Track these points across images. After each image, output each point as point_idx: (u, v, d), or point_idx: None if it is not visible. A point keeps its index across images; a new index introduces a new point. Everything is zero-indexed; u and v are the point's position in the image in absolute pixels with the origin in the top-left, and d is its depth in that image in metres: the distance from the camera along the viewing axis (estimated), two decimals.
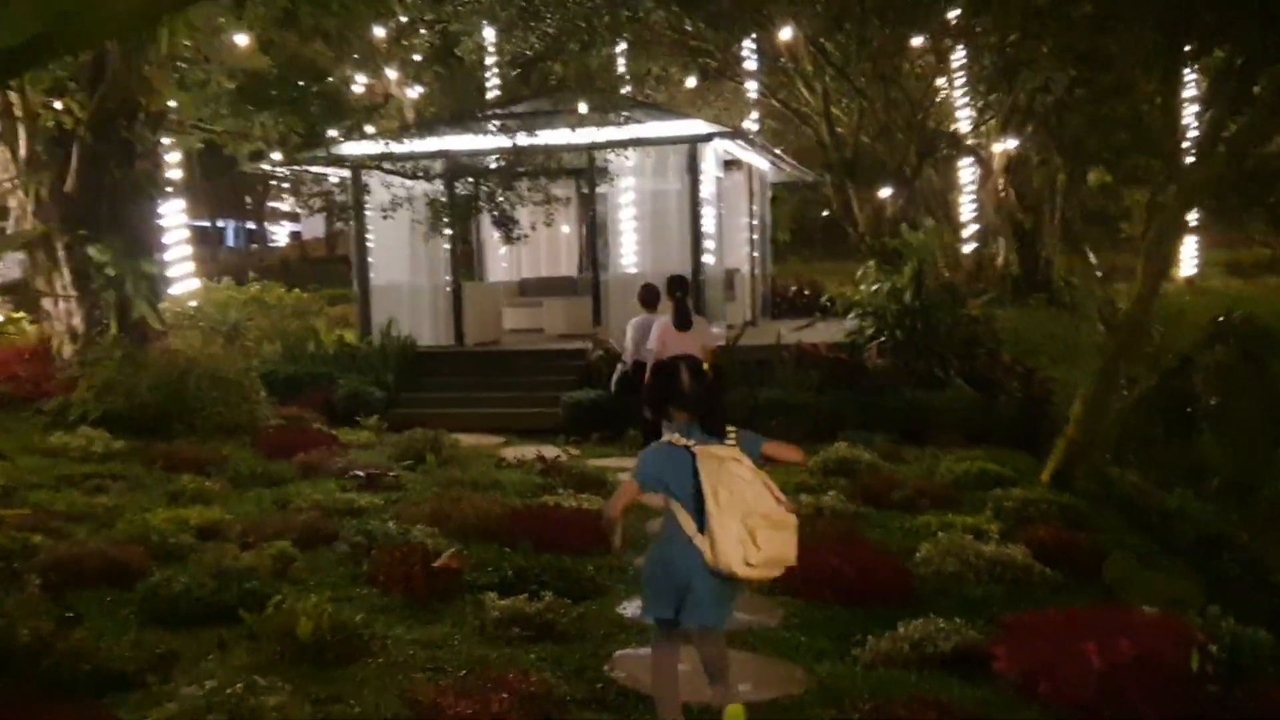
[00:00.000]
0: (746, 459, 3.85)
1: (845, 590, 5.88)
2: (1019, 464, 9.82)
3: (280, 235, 50.80)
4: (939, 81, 18.71)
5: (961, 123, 19.62)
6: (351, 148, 14.12)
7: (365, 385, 13.09)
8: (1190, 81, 18.11)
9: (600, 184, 15.58)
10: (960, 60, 18.62)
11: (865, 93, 17.01)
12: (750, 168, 18.21)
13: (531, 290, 18.20)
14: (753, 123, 21.46)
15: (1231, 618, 4.73)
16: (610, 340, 13.20)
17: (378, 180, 13.99)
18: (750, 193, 18.43)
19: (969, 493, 8.56)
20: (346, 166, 14.74)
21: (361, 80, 15.98)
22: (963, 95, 19.60)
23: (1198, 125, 17.40)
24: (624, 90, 18.52)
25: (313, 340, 14.85)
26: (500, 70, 18.83)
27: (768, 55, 18.38)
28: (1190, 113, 17.62)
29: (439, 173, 14.15)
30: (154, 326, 11.69)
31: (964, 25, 16.69)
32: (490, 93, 18.25)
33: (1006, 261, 20.11)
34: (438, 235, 14.18)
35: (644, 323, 9.75)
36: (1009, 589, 5.98)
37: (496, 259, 19.34)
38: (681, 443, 3.88)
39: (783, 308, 19.71)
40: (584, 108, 14.35)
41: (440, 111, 15.43)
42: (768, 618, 5.69)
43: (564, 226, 18.77)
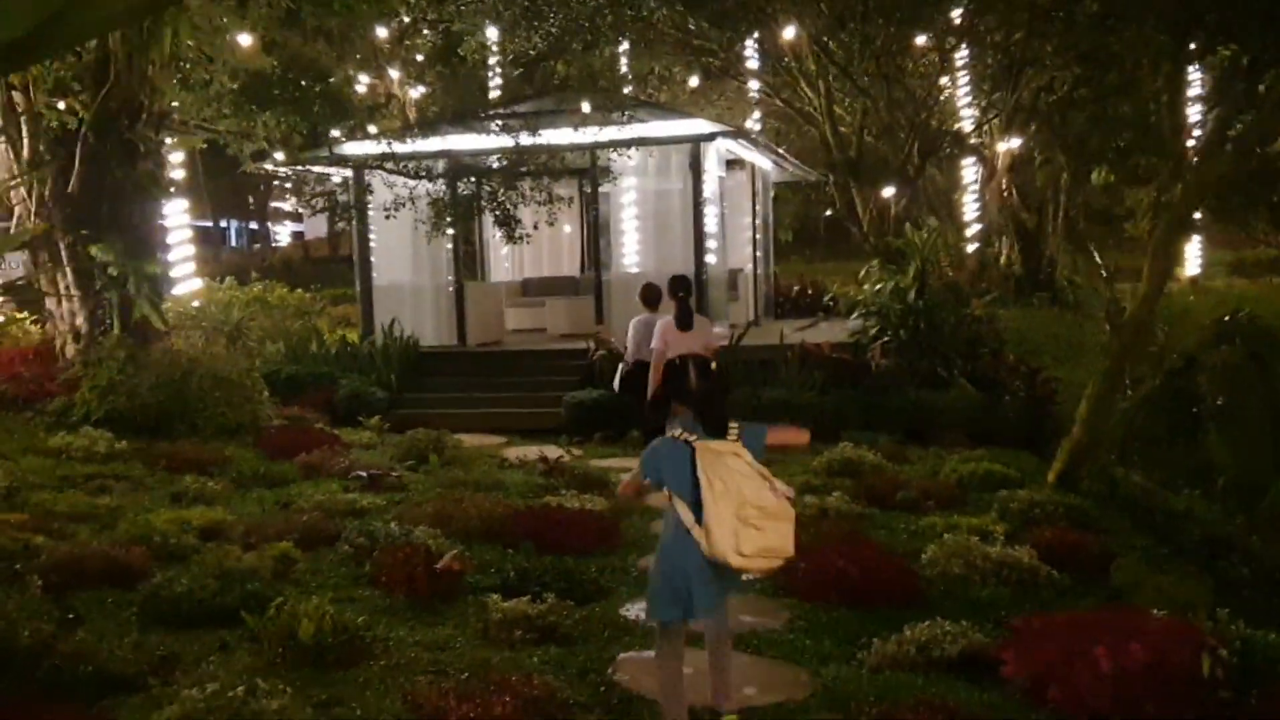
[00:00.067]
0: (746, 453, 3.95)
1: (850, 592, 5.85)
2: (1023, 464, 9.79)
3: (283, 235, 50.85)
4: (942, 80, 18.66)
5: (965, 122, 19.57)
6: (354, 147, 14.10)
7: (367, 385, 13.06)
8: (1194, 80, 18.05)
9: (603, 183, 15.54)
10: (964, 59, 18.58)
11: (868, 92, 16.96)
12: (753, 167, 18.17)
13: (534, 290, 18.17)
14: (755, 122, 21.43)
15: (1242, 621, 4.69)
16: (611, 338, 13.17)
17: (380, 180, 13.96)
18: (753, 192, 18.39)
19: (973, 493, 8.55)
20: (349, 166, 14.72)
21: (364, 80, 15.94)
22: (966, 94, 19.56)
23: (1202, 124, 17.36)
24: (626, 90, 18.51)
25: (315, 340, 14.83)
26: (503, 69, 18.81)
27: (770, 54, 18.34)
28: (1194, 111, 17.57)
29: (441, 172, 14.11)
30: (157, 327, 11.65)
31: (968, 24, 16.67)
32: (493, 92, 18.24)
33: (1009, 261, 20.06)
34: (440, 235, 14.15)
35: (646, 322, 9.78)
36: (1015, 591, 5.94)
37: (499, 259, 19.31)
38: (684, 437, 3.98)
39: (785, 307, 19.67)
40: (587, 107, 14.32)
41: (443, 111, 15.38)
42: (772, 620, 5.65)
43: (566, 226, 18.73)
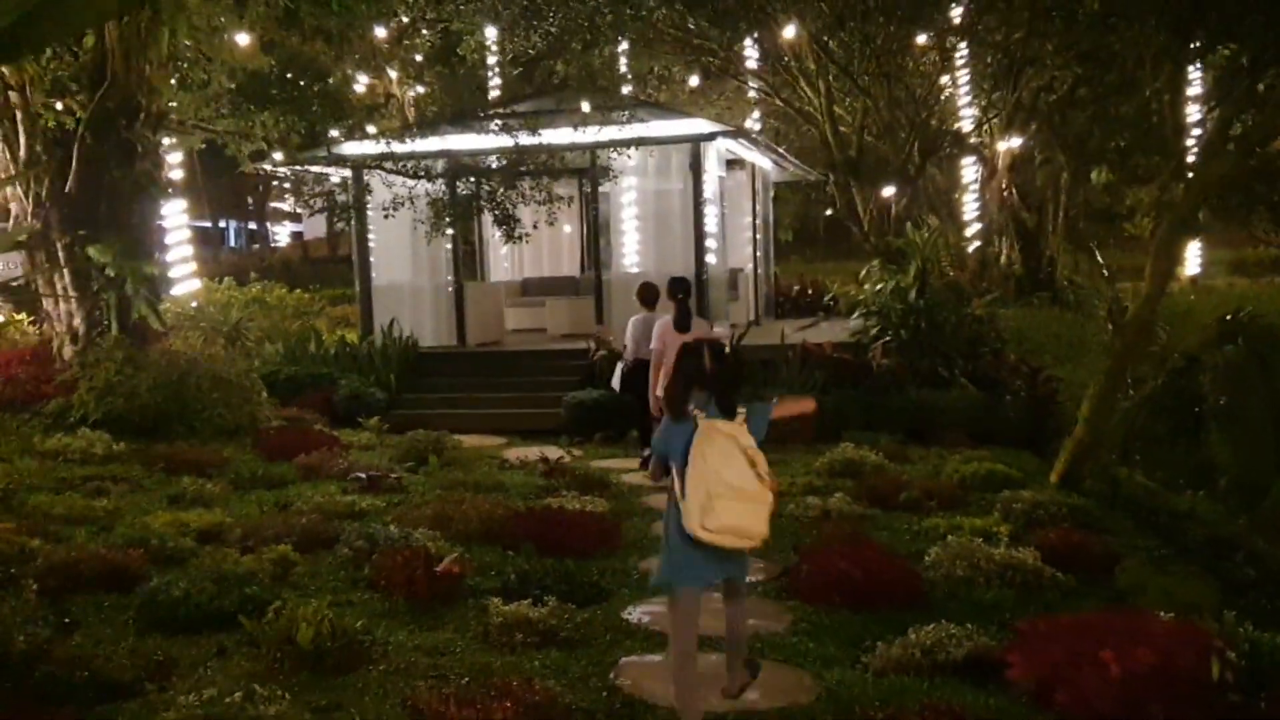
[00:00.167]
0: (745, 436, 4.09)
1: (853, 594, 5.80)
2: (1025, 464, 9.76)
3: (282, 235, 50.83)
4: (943, 80, 18.62)
5: (965, 121, 19.53)
6: (353, 147, 14.05)
7: (367, 386, 13.01)
8: (1194, 80, 18.02)
9: (603, 183, 15.48)
10: (964, 58, 18.53)
11: (869, 91, 16.92)
12: (753, 167, 18.12)
13: (534, 290, 18.13)
14: (755, 122, 21.40)
15: (1249, 623, 4.65)
16: (611, 338, 13.15)
17: (379, 180, 13.91)
18: (753, 192, 18.34)
19: (976, 494, 8.51)
20: (348, 166, 14.67)
21: (363, 80, 15.90)
22: (966, 93, 19.52)
23: (1201, 124, 17.33)
24: (626, 89, 18.48)
25: (314, 341, 14.77)
26: (502, 69, 18.77)
27: (770, 54, 18.30)
28: (1194, 110, 17.53)
29: (440, 172, 14.06)
30: (155, 327, 11.60)
31: (968, 23, 16.62)
32: (492, 92, 18.20)
33: (1010, 260, 20.01)
34: (439, 235, 14.09)
35: (644, 321, 9.84)
36: (1020, 593, 5.89)
37: (498, 259, 19.26)
38: (695, 415, 4.14)
39: (786, 307, 19.64)
40: (586, 107, 14.28)
41: (442, 111, 15.34)
42: (775, 623, 5.60)
43: (566, 226, 18.68)
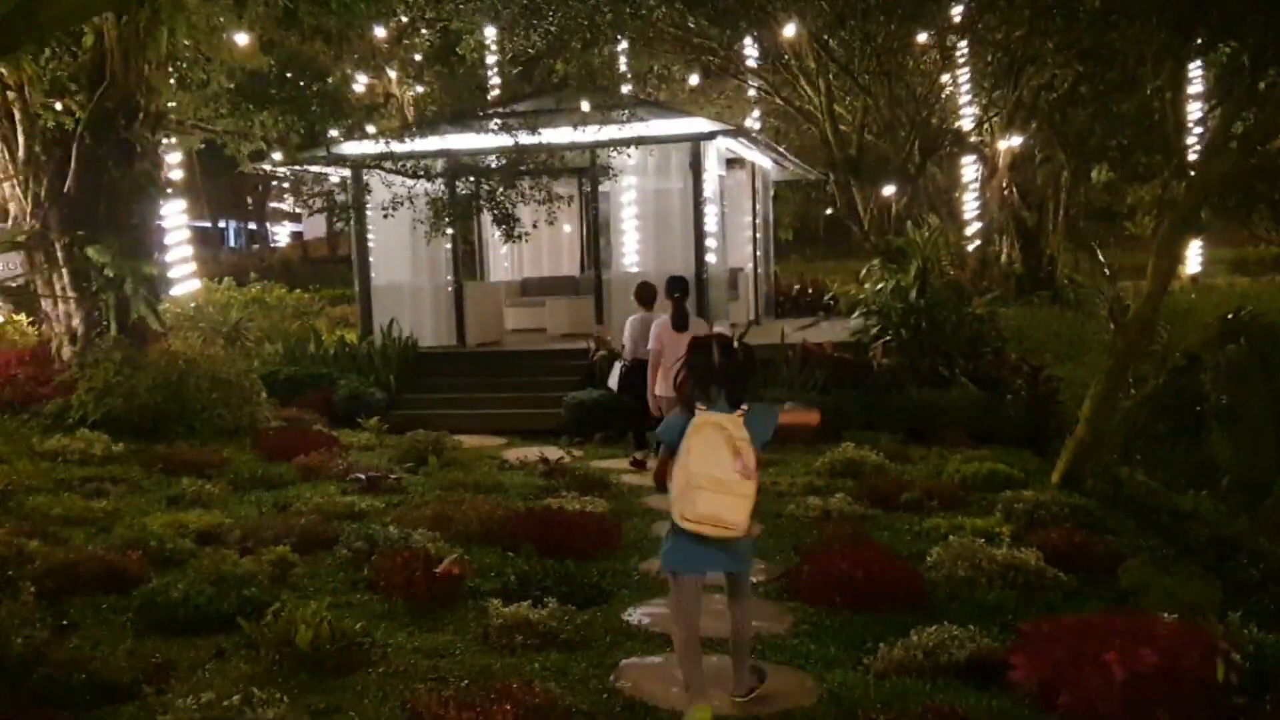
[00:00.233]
0: (737, 429, 4.16)
1: (855, 595, 5.77)
2: (1026, 464, 9.73)
3: (282, 235, 50.81)
4: (943, 78, 18.59)
5: (965, 120, 19.50)
6: (352, 147, 14.02)
7: (366, 386, 12.98)
8: (1195, 78, 17.99)
9: (602, 182, 15.46)
10: (965, 56, 18.50)
11: (869, 90, 16.90)
12: (753, 166, 18.10)
13: (533, 290, 18.11)
14: (755, 121, 21.37)
15: (1254, 624, 4.63)
16: (610, 337, 13.13)
17: (378, 179, 13.88)
18: (753, 191, 18.32)
19: (977, 494, 8.50)
20: (347, 166, 14.65)
21: (362, 79, 15.86)
22: (967, 92, 19.48)
23: (1202, 121, 17.31)
24: (626, 88, 18.43)
25: (313, 341, 14.75)
26: (502, 68, 18.73)
27: (770, 52, 18.26)
28: (1195, 108, 17.51)
29: (440, 172, 14.04)
30: (154, 328, 11.57)
31: (969, 21, 16.59)
32: (492, 91, 18.15)
33: (1010, 259, 19.99)
34: (439, 235, 14.07)
35: (642, 320, 9.87)
36: (1022, 594, 5.86)
37: (498, 258, 19.24)
38: (698, 408, 4.25)
39: (786, 307, 19.62)
40: (586, 106, 14.25)
41: (441, 110, 15.30)
42: (776, 624, 5.57)
43: (566, 226, 18.66)
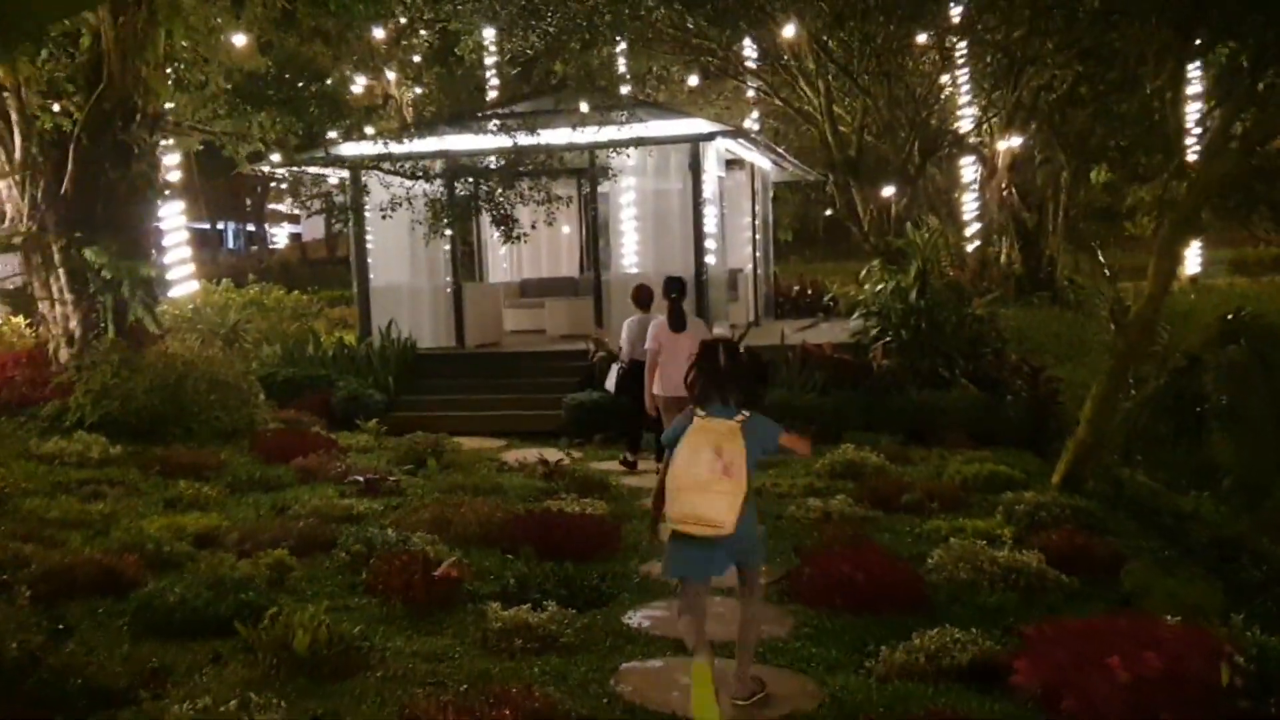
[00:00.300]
0: (728, 430, 4.25)
1: (856, 598, 5.74)
2: (1027, 465, 9.70)
3: (280, 237, 50.80)
4: (943, 79, 18.56)
5: (965, 120, 19.47)
6: (351, 148, 13.98)
7: (365, 388, 12.95)
8: (1195, 78, 17.96)
9: (601, 183, 15.44)
10: (964, 57, 18.47)
11: (868, 90, 16.87)
12: (752, 167, 18.07)
13: (532, 291, 18.08)
14: (754, 121, 21.34)
15: (1257, 627, 4.59)
16: (608, 339, 13.11)
17: (377, 181, 13.84)
18: (752, 192, 18.30)
19: (978, 495, 8.48)
20: (346, 167, 14.61)
21: (361, 80, 15.84)
22: (966, 93, 19.45)
23: (1202, 121, 17.27)
24: (625, 89, 18.42)
25: (312, 342, 14.71)
26: (500, 69, 18.71)
27: (770, 53, 18.24)
28: (1194, 108, 17.47)
29: (439, 173, 14.01)
30: (151, 330, 11.54)
31: (968, 21, 16.57)
32: (490, 92, 18.14)
33: (1010, 260, 19.96)
34: (438, 236, 14.03)
35: (640, 322, 9.86)
36: (1024, 596, 5.83)
37: (497, 259, 19.21)
38: (697, 413, 4.35)
39: (786, 308, 19.60)
40: (585, 107, 14.23)
41: (440, 111, 15.28)
42: (777, 627, 5.54)
43: (565, 227, 18.64)
